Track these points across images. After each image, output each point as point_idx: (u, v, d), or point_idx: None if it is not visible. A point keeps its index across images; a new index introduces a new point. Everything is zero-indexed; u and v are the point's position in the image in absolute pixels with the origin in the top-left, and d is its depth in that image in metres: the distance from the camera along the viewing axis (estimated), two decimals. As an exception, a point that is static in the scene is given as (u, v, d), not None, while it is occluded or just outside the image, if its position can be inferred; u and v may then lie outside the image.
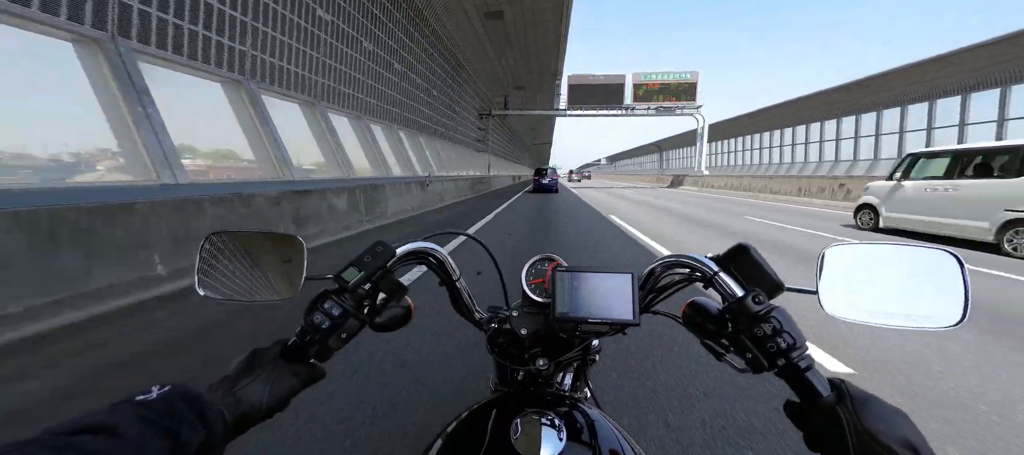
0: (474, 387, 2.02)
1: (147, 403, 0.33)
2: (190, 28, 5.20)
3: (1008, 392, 2.03)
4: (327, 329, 0.48)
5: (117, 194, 3.38)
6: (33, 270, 2.65)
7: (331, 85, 8.65)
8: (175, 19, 4.98)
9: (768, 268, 0.51)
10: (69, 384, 2.01)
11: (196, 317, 2.84)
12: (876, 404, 0.40)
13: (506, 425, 0.50)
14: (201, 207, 4.01)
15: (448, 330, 2.57)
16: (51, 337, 2.48)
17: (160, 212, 3.55)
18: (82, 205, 2.98)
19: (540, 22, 16.40)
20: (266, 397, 0.43)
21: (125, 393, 0.35)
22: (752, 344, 0.46)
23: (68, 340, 2.46)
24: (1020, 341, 2.64)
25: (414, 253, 0.61)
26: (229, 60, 5.87)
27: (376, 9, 10.62)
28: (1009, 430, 1.73)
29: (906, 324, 0.48)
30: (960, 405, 1.91)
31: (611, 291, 0.55)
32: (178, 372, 2.16)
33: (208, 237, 0.56)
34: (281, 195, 5.31)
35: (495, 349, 0.65)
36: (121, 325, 2.71)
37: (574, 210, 11.68)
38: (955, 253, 0.48)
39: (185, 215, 3.79)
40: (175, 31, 5.00)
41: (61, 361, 2.21)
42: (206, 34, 5.45)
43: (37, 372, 2.09)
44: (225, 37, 5.77)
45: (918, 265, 0.50)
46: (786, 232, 7.68)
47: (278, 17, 6.82)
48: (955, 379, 2.14)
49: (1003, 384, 2.11)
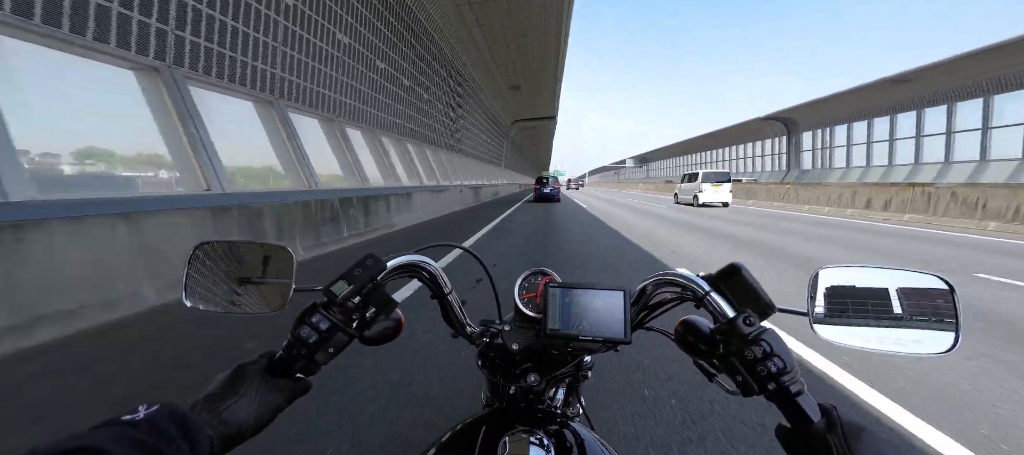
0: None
1: (133, 423, 0.33)
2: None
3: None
4: (315, 343, 0.48)
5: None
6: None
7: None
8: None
9: (760, 289, 0.50)
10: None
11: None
12: (868, 434, 0.39)
13: (494, 443, 0.50)
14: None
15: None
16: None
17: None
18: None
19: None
20: (253, 415, 0.43)
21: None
22: (743, 366, 0.46)
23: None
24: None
25: (405, 266, 0.60)
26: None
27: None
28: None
29: (897, 350, 0.48)
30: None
31: (603, 308, 0.55)
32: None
33: (199, 246, 0.57)
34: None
35: (486, 364, 0.64)
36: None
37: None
38: (947, 279, 0.48)
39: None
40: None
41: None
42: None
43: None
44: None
45: (908, 289, 0.50)
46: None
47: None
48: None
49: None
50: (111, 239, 3.38)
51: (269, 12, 6.59)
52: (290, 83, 7.25)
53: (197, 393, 0.42)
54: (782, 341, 0.46)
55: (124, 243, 3.46)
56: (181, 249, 3.75)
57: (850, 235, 9.10)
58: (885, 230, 9.98)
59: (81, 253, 3.14)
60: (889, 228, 10.39)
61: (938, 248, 7.25)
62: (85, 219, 3.21)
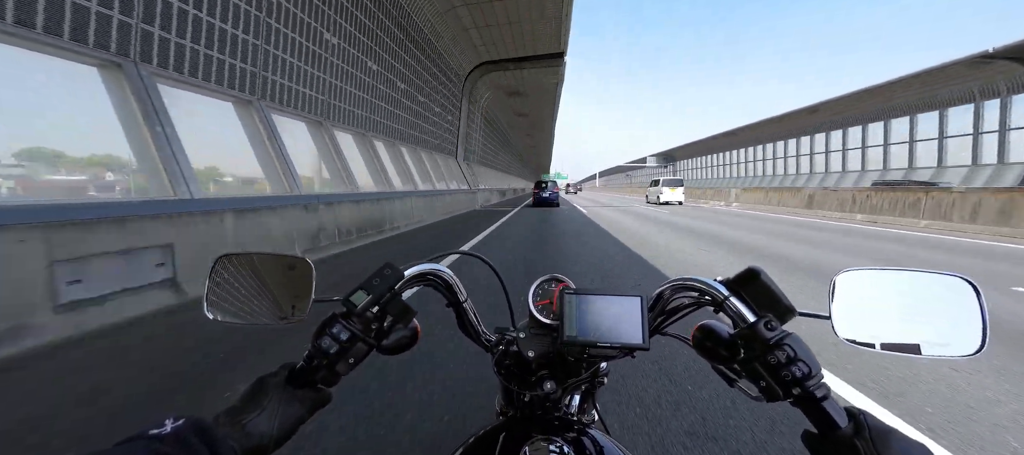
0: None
1: (160, 437, 0.34)
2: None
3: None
4: (335, 354, 0.48)
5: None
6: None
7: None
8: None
9: (780, 293, 0.50)
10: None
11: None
12: (896, 438, 0.39)
13: (514, 453, 0.50)
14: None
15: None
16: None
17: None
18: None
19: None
20: (275, 427, 0.43)
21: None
22: (766, 372, 0.45)
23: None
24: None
25: (422, 275, 0.60)
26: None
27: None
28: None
29: (923, 354, 0.47)
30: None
31: (620, 314, 0.54)
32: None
33: (218, 259, 0.57)
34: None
35: (502, 372, 0.63)
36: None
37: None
38: (970, 280, 0.47)
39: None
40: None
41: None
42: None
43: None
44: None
45: (932, 291, 0.48)
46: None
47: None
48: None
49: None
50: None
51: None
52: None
53: (219, 407, 0.43)
54: (805, 345, 0.45)
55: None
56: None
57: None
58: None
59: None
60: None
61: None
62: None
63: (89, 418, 1.97)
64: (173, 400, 2.16)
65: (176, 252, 3.87)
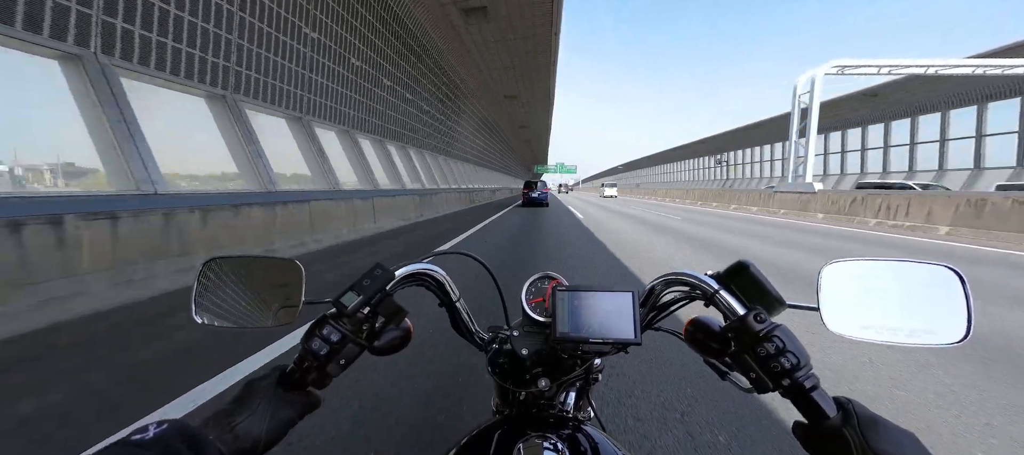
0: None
1: (143, 444, 0.32)
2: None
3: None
4: (326, 355, 0.47)
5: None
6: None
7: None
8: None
9: (769, 285, 0.51)
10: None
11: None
12: (884, 426, 0.39)
13: (508, 450, 0.50)
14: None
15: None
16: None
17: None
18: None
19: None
20: (264, 431, 0.41)
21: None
22: (755, 364, 0.46)
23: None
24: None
25: (413, 275, 0.60)
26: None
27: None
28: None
29: (909, 341, 0.48)
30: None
31: (612, 310, 0.54)
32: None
33: (206, 263, 0.56)
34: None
35: (496, 370, 0.63)
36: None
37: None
38: (956, 269, 0.48)
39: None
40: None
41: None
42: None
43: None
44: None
45: (918, 281, 0.49)
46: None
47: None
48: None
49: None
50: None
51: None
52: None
53: (206, 411, 0.45)
54: (794, 337, 0.46)
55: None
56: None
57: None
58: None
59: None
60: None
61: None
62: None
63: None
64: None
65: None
